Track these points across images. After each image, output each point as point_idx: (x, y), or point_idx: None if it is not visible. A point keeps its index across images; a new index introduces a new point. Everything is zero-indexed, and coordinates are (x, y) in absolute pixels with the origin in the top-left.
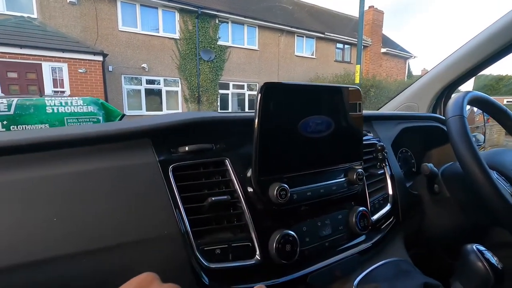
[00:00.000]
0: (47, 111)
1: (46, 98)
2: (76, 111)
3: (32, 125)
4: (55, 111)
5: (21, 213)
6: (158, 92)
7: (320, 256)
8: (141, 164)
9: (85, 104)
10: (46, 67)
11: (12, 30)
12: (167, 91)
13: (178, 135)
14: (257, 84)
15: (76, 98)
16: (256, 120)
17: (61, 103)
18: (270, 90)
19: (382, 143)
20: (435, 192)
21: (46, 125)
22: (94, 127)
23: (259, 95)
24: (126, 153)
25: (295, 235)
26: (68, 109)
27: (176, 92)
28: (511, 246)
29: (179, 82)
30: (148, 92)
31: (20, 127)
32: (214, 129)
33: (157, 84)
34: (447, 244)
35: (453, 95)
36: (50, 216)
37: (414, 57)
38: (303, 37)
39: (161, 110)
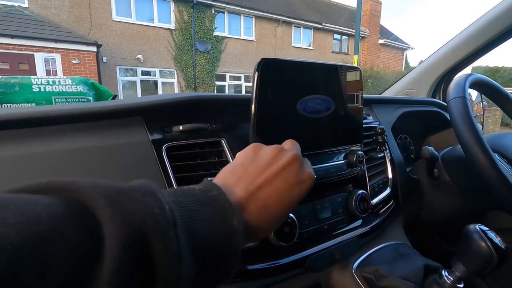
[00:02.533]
0: (34, 89)
1: (32, 77)
2: (64, 90)
3: (18, 104)
4: (42, 90)
5: None
6: (154, 84)
7: (319, 239)
8: (133, 143)
9: (74, 84)
10: (38, 57)
11: (2, 19)
12: (163, 83)
13: (172, 114)
14: None
15: (65, 77)
16: (253, 99)
17: (48, 81)
18: (268, 67)
19: (382, 126)
20: (435, 177)
21: (32, 104)
22: (84, 105)
23: (256, 72)
24: (116, 132)
25: (294, 217)
26: (56, 88)
27: (172, 83)
28: (510, 231)
29: (175, 74)
30: (144, 83)
31: (4, 106)
32: (210, 108)
33: (152, 76)
34: (445, 229)
35: (454, 78)
36: None
37: (412, 48)
38: (300, 27)
39: None
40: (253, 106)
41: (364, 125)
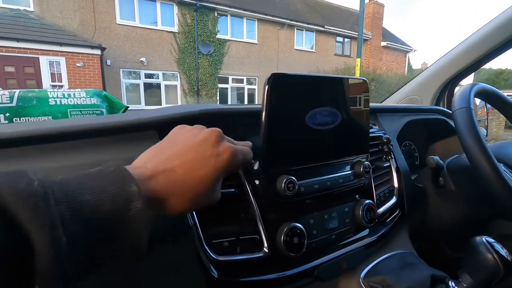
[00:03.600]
0: (50, 103)
1: (48, 90)
2: (79, 103)
3: (35, 117)
4: (58, 103)
5: None
6: (157, 86)
7: (327, 249)
8: None
9: (88, 96)
10: (43, 61)
11: (8, 23)
12: (166, 85)
13: None
14: (256, 78)
15: (79, 90)
16: (264, 112)
17: (63, 95)
18: (278, 81)
19: (388, 136)
20: (440, 185)
21: (49, 117)
22: (99, 118)
23: (267, 86)
24: (131, 145)
25: (302, 227)
26: (71, 101)
27: (175, 86)
28: None
29: (178, 76)
30: (147, 86)
31: (22, 119)
32: (220, 121)
33: (155, 78)
34: (451, 237)
35: (459, 87)
36: None
37: (414, 50)
38: (302, 30)
39: (160, 104)
40: (263, 118)
41: (369, 135)
